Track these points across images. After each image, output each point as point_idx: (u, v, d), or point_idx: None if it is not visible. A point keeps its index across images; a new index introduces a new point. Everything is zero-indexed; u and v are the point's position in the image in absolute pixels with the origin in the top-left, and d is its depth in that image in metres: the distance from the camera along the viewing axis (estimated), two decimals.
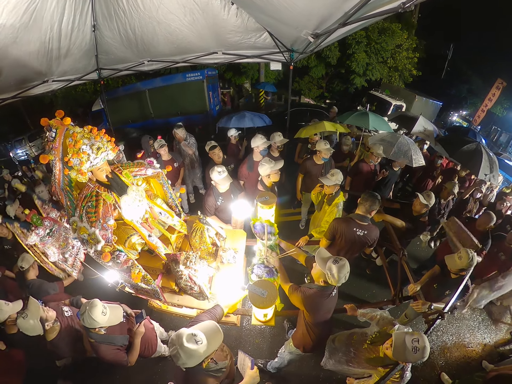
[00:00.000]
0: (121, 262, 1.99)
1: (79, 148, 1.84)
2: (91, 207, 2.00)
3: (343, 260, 2.01)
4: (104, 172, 2.08)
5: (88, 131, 1.96)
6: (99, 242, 1.90)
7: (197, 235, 2.59)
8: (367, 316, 2.50)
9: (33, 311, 2.33)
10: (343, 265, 1.98)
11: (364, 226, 2.94)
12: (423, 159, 4.70)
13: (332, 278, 1.98)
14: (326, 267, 2.01)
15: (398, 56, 12.43)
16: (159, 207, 2.60)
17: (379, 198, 2.90)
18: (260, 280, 2.38)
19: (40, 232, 2.01)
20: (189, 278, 2.25)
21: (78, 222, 1.99)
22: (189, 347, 1.50)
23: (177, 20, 4.13)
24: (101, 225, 1.96)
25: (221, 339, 1.70)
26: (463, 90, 18.18)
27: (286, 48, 4.67)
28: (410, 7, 2.01)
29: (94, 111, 9.61)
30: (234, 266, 2.83)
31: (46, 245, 2.06)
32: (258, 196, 2.81)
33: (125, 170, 2.31)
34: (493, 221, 3.69)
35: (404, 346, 1.83)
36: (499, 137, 14.09)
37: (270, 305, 2.12)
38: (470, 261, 2.62)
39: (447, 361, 3.62)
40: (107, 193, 2.09)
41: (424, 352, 1.80)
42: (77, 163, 1.88)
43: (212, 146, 4.22)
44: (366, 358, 2.30)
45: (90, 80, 5.67)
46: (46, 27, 3.49)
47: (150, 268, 2.54)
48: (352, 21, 2.70)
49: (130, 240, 2.31)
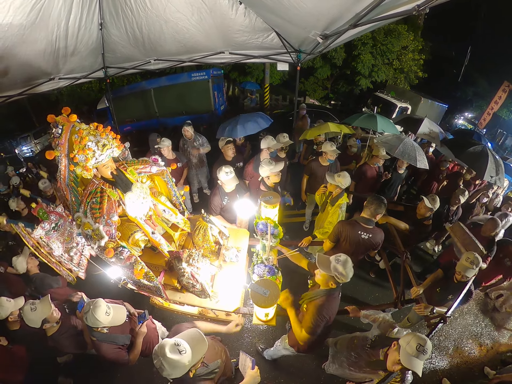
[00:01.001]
0: (124, 258, 2.00)
1: (85, 144, 1.85)
2: (96, 203, 2.02)
3: (342, 255, 2.05)
4: (109, 168, 2.09)
5: (94, 128, 1.97)
6: (103, 238, 1.91)
7: (200, 233, 2.60)
8: (370, 318, 2.49)
9: (44, 309, 2.36)
10: (345, 260, 2.02)
11: (369, 229, 2.91)
12: (427, 162, 4.66)
13: (342, 277, 2.01)
14: (332, 269, 2.01)
15: (404, 58, 12.36)
16: (163, 204, 2.61)
17: (385, 202, 2.88)
18: (262, 279, 2.37)
19: (45, 226, 2.02)
20: (192, 275, 2.26)
21: (82, 217, 2.00)
22: (173, 357, 1.46)
23: (184, 19, 4.13)
24: (105, 221, 1.97)
25: (205, 348, 1.64)
26: (469, 93, 18.02)
27: (294, 48, 4.67)
28: (425, 10, 1.98)
29: (99, 109, 9.64)
30: (236, 265, 2.83)
31: (51, 239, 2.07)
32: (261, 196, 2.82)
33: (130, 167, 2.33)
34: (499, 228, 3.60)
35: (412, 357, 1.77)
36: (504, 140, 13.92)
37: (272, 304, 2.12)
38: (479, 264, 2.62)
39: (449, 366, 3.59)
40: (112, 190, 2.11)
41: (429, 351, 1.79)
42: (82, 160, 1.89)
43: (228, 141, 4.44)
44: (366, 362, 2.30)
45: (96, 78, 5.69)
46: (53, 25, 3.50)
47: (152, 265, 2.55)
48: (364, 23, 2.66)
49: (133, 237, 2.32)
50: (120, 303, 2.52)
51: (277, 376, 3.34)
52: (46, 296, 2.46)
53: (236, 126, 5.17)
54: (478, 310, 4.30)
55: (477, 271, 2.67)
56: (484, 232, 3.64)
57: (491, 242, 3.60)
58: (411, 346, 1.78)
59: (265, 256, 2.74)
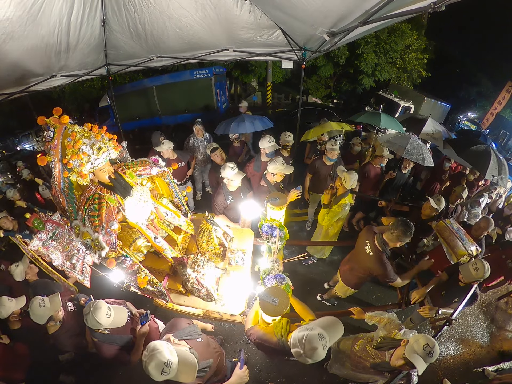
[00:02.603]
0: (127, 266, 1.94)
1: (79, 148, 1.72)
2: (94, 210, 1.90)
3: (323, 350, 1.61)
4: (106, 173, 1.97)
5: (88, 129, 1.84)
6: (103, 249, 1.82)
7: (204, 236, 2.54)
8: (375, 320, 2.47)
9: (53, 306, 2.33)
10: (314, 344, 1.60)
11: (377, 249, 2.67)
12: (432, 159, 4.64)
13: (297, 331, 1.70)
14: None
15: (407, 57, 12.26)
16: (165, 207, 2.52)
17: (412, 230, 2.52)
18: (271, 287, 2.28)
19: (42, 236, 1.93)
20: (197, 281, 2.20)
21: (80, 226, 1.89)
22: (154, 375, 1.40)
23: (188, 15, 4.07)
24: (104, 230, 1.87)
25: (193, 375, 1.53)
26: (472, 93, 17.90)
27: (299, 46, 4.62)
28: (440, 7, 1.90)
29: (101, 107, 9.58)
30: (242, 268, 2.79)
31: (49, 249, 1.99)
32: (268, 197, 2.76)
33: (129, 169, 2.19)
34: (491, 227, 3.46)
35: (419, 357, 1.76)
36: (507, 141, 13.87)
37: (282, 312, 2.03)
38: (486, 273, 2.55)
39: (450, 367, 3.58)
40: (110, 196, 1.99)
41: (437, 353, 1.78)
42: (77, 165, 1.75)
43: (213, 148, 4.18)
44: (371, 363, 2.27)
45: (98, 76, 5.65)
46: (54, 20, 3.44)
47: (156, 270, 2.50)
48: (374, 20, 2.55)
49: (135, 244, 2.24)
50: (122, 303, 2.49)
51: (278, 375, 3.33)
52: (56, 293, 2.43)
53: (243, 122, 5.16)
54: (479, 311, 4.28)
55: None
56: (475, 231, 3.49)
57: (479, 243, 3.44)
58: (419, 344, 1.80)
59: (271, 258, 2.68)
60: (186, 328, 1.88)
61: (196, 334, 1.89)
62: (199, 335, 1.91)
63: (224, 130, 5.37)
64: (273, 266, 2.61)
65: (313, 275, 4.56)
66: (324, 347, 1.54)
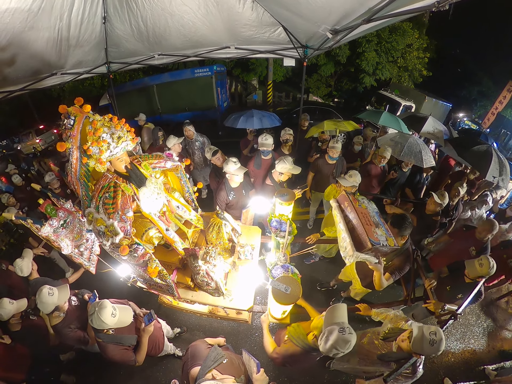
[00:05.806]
0: (138, 255, 1.92)
1: (99, 136, 1.76)
2: (109, 198, 1.92)
3: (352, 334, 1.62)
4: (123, 162, 2.00)
5: (108, 119, 1.87)
6: (118, 235, 1.83)
7: (214, 230, 2.57)
8: (381, 316, 2.49)
9: (61, 295, 2.34)
10: (345, 338, 1.58)
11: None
12: (433, 160, 4.62)
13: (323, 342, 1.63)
14: (328, 328, 1.66)
15: (409, 56, 12.26)
16: (177, 200, 2.55)
17: (408, 223, 2.58)
18: (282, 276, 2.31)
19: (54, 223, 1.95)
20: (207, 273, 2.20)
21: (94, 213, 1.90)
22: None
23: (190, 12, 4.05)
24: (119, 217, 1.89)
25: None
26: (473, 92, 17.86)
27: (301, 44, 4.59)
28: (444, 6, 1.89)
29: (101, 105, 9.59)
30: (251, 262, 2.80)
31: (59, 237, 2.00)
32: (277, 193, 2.78)
33: (144, 161, 2.24)
34: (496, 230, 3.38)
35: (422, 337, 1.84)
36: (508, 141, 13.84)
37: (294, 301, 2.05)
38: (491, 269, 2.58)
39: (450, 366, 3.57)
40: (126, 184, 2.02)
41: (440, 346, 1.81)
42: (96, 152, 1.79)
43: (214, 152, 3.94)
44: (378, 355, 2.28)
45: (98, 74, 5.61)
46: (55, 16, 3.41)
47: (165, 263, 2.50)
48: (377, 18, 2.53)
49: (147, 234, 2.25)
50: (125, 302, 2.47)
51: (280, 375, 3.32)
52: (65, 284, 2.43)
53: (252, 117, 5.13)
54: (480, 310, 4.27)
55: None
56: (479, 233, 3.43)
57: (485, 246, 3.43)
58: (426, 329, 1.87)
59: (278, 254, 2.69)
60: (210, 354, 1.82)
61: (221, 356, 1.84)
62: (223, 356, 1.86)
63: (232, 123, 5.34)
64: (279, 258, 2.64)
65: (316, 274, 4.56)
66: (350, 331, 1.61)
